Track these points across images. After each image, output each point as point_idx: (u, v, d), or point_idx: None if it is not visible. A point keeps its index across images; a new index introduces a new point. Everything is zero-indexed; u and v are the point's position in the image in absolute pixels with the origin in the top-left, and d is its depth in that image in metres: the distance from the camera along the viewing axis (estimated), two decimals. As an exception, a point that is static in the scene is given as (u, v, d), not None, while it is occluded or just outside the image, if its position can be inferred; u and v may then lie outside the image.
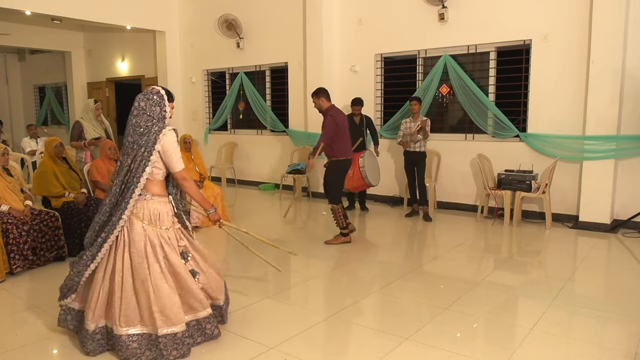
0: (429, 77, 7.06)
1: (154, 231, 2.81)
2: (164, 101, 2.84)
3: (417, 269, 4.58)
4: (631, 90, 5.69)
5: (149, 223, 2.81)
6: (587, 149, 5.88)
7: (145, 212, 2.81)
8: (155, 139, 2.74)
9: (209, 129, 10.10)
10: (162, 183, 2.91)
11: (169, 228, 2.88)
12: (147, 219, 2.81)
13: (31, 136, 9.04)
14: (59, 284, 3.10)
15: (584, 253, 5.14)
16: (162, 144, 2.75)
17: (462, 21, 6.74)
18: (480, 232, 5.96)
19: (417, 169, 6.52)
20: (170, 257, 2.84)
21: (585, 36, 5.82)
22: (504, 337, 3.17)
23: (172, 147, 2.78)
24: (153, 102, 2.79)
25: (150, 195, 2.83)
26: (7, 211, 4.38)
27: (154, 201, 2.85)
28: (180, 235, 2.98)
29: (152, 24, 9.86)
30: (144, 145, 2.74)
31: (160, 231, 2.84)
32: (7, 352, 2.97)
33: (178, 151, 2.83)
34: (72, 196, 4.91)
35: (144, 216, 2.81)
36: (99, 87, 12.07)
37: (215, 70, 10.06)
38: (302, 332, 3.25)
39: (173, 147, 2.79)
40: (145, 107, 2.77)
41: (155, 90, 2.85)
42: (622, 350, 2.97)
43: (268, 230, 6.17)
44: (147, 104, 2.78)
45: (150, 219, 2.82)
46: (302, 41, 8.31)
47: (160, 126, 2.78)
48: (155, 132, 2.75)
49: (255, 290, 4.06)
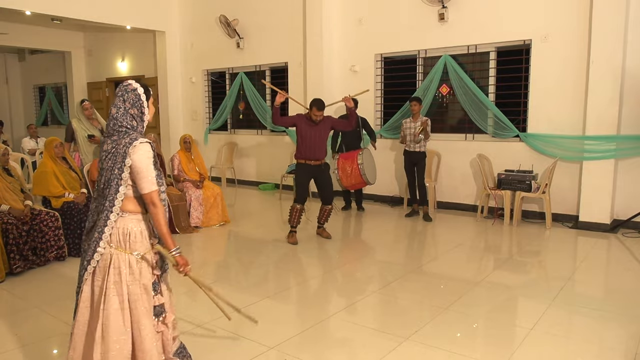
0: (429, 77, 7.06)
1: (122, 256, 2.27)
2: (141, 102, 2.33)
3: (417, 269, 4.58)
4: (631, 90, 5.69)
5: (116, 247, 2.27)
6: (587, 149, 5.88)
7: (114, 232, 2.28)
8: (124, 153, 2.22)
9: (209, 129, 10.10)
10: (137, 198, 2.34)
11: (141, 253, 2.30)
12: (115, 241, 2.28)
13: (31, 136, 9.05)
14: (59, 284, 3.10)
15: (584, 253, 5.14)
16: (133, 159, 2.22)
17: (462, 21, 6.74)
18: (480, 232, 5.96)
19: (417, 169, 6.52)
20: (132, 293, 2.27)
21: (585, 36, 5.82)
22: (504, 337, 3.17)
23: (143, 164, 2.23)
24: (128, 104, 2.29)
25: (121, 212, 2.29)
26: (7, 211, 4.38)
27: (125, 219, 2.30)
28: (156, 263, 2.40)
29: (152, 24, 9.86)
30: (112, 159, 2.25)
31: (130, 258, 2.28)
32: (7, 352, 2.97)
33: (150, 169, 2.25)
34: (72, 196, 4.91)
35: (112, 237, 2.28)
36: (99, 87, 12.07)
37: (215, 70, 10.06)
38: (302, 332, 3.25)
39: (145, 164, 2.23)
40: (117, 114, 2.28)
41: (131, 88, 2.32)
42: (622, 350, 2.97)
43: (268, 230, 6.18)
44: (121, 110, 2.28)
45: (119, 241, 2.28)
46: (302, 41, 8.31)
47: (132, 137, 2.25)
48: (125, 145, 2.23)
49: (255, 290, 4.06)
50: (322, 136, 5.33)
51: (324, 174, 5.42)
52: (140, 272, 2.30)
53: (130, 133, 2.27)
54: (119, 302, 2.25)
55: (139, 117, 2.33)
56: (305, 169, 5.36)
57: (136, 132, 2.30)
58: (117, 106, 2.30)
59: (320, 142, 5.31)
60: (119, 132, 2.27)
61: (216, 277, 4.36)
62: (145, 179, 2.25)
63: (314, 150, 5.29)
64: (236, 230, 6.19)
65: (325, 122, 5.31)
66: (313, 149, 5.28)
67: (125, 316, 2.27)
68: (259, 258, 4.96)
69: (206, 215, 6.11)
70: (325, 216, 5.59)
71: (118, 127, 2.27)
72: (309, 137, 5.27)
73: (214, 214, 6.21)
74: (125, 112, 2.29)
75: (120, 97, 2.31)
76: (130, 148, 2.23)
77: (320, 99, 5.35)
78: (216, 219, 6.23)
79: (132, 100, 2.30)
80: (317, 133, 5.27)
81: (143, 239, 2.33)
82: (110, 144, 2.27)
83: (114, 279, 2.26)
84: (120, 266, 2.26)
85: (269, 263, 4.83)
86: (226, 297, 2.85)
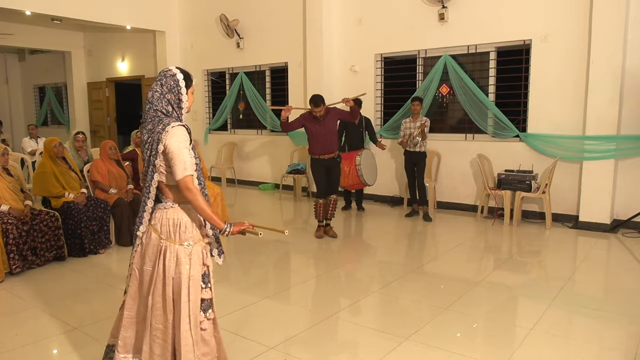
0: (429, 77, 7.06)
1: (171, 247, 2.25)
2: (179, 88, 2.25)
3: (417, 269, 4.58)
4: (631, 90, 5.69)
5: (166, 238, 2.25)
6: (587, 149, 5.88)
7: (164, 223, 2.26)
8: (158, 139, 2.17)
9: (209, 129, 10.10)
10: None
11: (192, 244, 2.27)
12: (165, 232, 2.25)
13: (31, 136, 9.05)
14: (59, 284, 3.10)
15: (584, 253, 5.14)
16: (165, 144, 2.15)
17: (462, 21, 6.74)
18: (480, 232, 5.96)
19: (417, 169, 6.52)
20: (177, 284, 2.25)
21: (585, 36, 5.82)
22: (504, 337, 3.17)
23: (175, 147, 2.14)
24: (165, 89, 2.23)
25: (170, 203, 2.27)
26: (7, 211, 4.38)
27: (175, 210, 2.26)
28: (207, 253, 2.37)
29: (152, 24, 9.86)
30: (149, 148, 2.21)
31: (179, 249, 2.25)
32: (7, 352, 2.97)
33: (184, 153, 2.15)
34: (72, 196, 4.91)
35: (162, 229, 2.26)
36: (99, 87, 12.07)
37: (215, 70, 10.06)
38: (302, 332, 3.25)
39: (177, 148, 2.14)
40: (153, 98, 2.23)
41: (171, 73, 2.25)
42: (622, 350, 2.97)
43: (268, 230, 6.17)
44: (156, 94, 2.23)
45: (169, 232, 2.25)
46: (302, 41, 8.30)
47: (166, 123, 2.18)
48: (158, 132, 2.17)
49: (255, 290, 4.06)
50: (330, 130, 5.43)
51: (336, 167, 5.55)
52: (190, 263, 2.25)
53: (164, 119, 2.21)
54: (165, 292, 2.24)
55: (176, 103, 2.26)
56: (320, 163, 5.50)
57: (171, 118, 2.23)
58: (153, 89, 2.25)
59: (329, 135, 5.43)
60: (153, 119, 2.21)
61: (216, 277, 4.34)
62: (178, 165, 2.14)
63: (325, 144, 5.42)
64: (236, 230, 6.18)
65: (330, 115, 5.42)
66: (323, 143, 5.41)
67: (169, 307, 2.24)
68: (259, 258, 4.96)
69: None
70: (331, 209, 5.60)
71: (153, 112, 2.22)
72: (317, 133, 5.40)
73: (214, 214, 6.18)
74: (161, 96, 2.23)
75: (158, 81, 2.26)
76: (164, 134, 2.16)
77: (317, 94, 5.41)
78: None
79: (170, 85, 2.24)
80: (324, 128, 5.38)
81: (193, 229, 2.29)
82: (146, 134, 2.23)
83: (163, 269, 2.24)
84: (169, 257, 2.23)
85: (269, 263, 4.83)
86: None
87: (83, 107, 12.45)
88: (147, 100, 2.26)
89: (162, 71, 2.29)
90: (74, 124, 12.53)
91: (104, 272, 4.49)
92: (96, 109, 12.28)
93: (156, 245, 2.26)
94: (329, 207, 5.58)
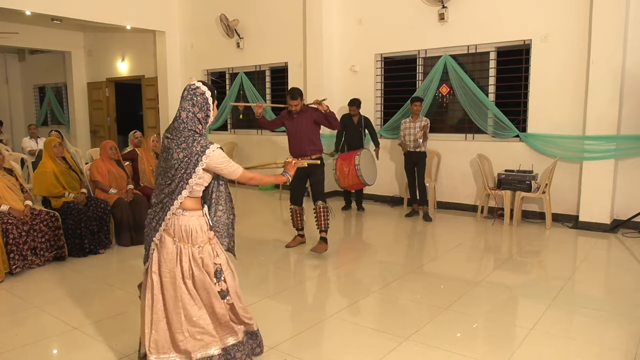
0: (429, 77, 7.06)
1: (185, 249, 2.52)
2: (208, 105, 2.48)
3: (417, 269, 4.58)
4: (631, 90, 5.69)
5: (179, 240, 2.52)
6: (587, 149, 5.88)
7: (177, 228, 2.52)
8: (197, 161, 2.39)
9: (209, 129, 10.09)
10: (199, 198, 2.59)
11: (202, 246, 2.55)
12: (179, 236, 2.52)
13: (31, 136, 9.05)
14: (59, 284, 3.10)
15: (584, 253, 5.14)
16: (208, 165, 2.43)
17: (462, 21, 6.74)
18: (480, 232, 5.96)
19: (417, 169, 6.52)
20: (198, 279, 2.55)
21: (585, 36, 5.82)
22: (504, 337, 3.17)
23: (221, 161, 2.45)
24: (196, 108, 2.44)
25: (181, 211, 2.52)
26: (7, 211, 4.38)
27: (186, 217, 2.52)
28: (217, 251, 2.63)
29: (152, 24, 9.85)
30: (184, 167, 2.40)
31: (193, 250, 2.53)
32: (7, 352, 2.97)
33: (229, 160, 2.50)
34: (72, 196, 4.91)
35: (175, 233, 2.52)
36: (99, 87, 12.07)
37: (215, 70, 10.06)
38: (302, 332, 3.25)
39: (223, 160, 2.46)
40: (187, 119, 2.42)
41: (200, 91, 2.46)
42: (622, 350, 2.97)
43: (268, 230, 6.18)
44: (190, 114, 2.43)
45: (182, 236, 2.52)
46: (302, 41, 8.31)
47: (203, 145, 2.39)
48: (197, 153, 2.39)
49: (255, 290, 4.06)
50: (304, 129, 4.93)
51: (316, 171, 4.97)
52: (203, 261, 2.55)
53: (198, 139, 2.41)
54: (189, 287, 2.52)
55: (205, 120, 2.49)
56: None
57: (202, 137, 2.44)
58: (186, 110, 2.43)
59: (304, 135, 4.94)
60: (187, 138, 2.40)
61: (216, 277, 4.35)
62: (230, 169, 2.51)
63: (300, 144, 4.97)
64: (236, 230, 6.17)
65: (306, 113, 4.95)
66: (298, 143, 4.97)
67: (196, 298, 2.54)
68: (259, 258, 4.96)
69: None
70: (320, 218, 5.00)
71: (187, 132, 2.41)
72: (292, 131, 4.99)
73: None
74: (193, 115, 2.44)
75: (189, 100, 2.44)
76: (203, 157, 2.40)
77: (296, 87, 5.03)
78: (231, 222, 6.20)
79: (201, 104, 2.45)
80: (298, 126, 4.94)
81: (202, 233, 2.56)
82: (180, 152, 2.40)
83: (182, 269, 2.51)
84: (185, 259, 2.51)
85: (269, 263, 4.83)
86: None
87: (83, 107, 12.45)
88: (178, 117, 2.44)
89: (191, 88, 2.47)
90: (74, 124, 12.53)
91: (104, 272, 4.49)
92: (96, 109, 12.28)
93: (171, 247, 2.52)
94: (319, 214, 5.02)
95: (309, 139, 4.95)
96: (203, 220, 2.58)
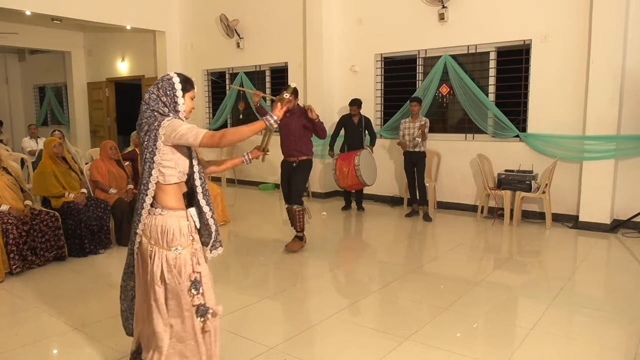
0: (429, 77, 7.06)
1: (159, 252, 2.26)
2: (175, 90, 2.27)
3: (417, 269, 4.58)
4: (631, 90, 5.69)
5: (155, 243, 2.27)
6: (587, 149, 5.88)
7: (153, 229, 2.27)
8: (155, 136, 2.20)
9: (209, 129, 10.08)
10: (178, 192, 2.32)
11: (180, 249, 2.27)
12: (154, 237, 2.27)
13: (31, 136, 9.05)
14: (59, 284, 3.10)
15: (584, 253, 5.14)
16: (166, 134, 2.19)
17: (462, 21, 6.74)
18: (480, 232, 5.96)
19: (417, 169, 6.52)
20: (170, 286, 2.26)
21: (585, 36, 5.82)
22: (504, 337, 3.17)
23: (178, 128, 2.18)
24: (161, 92, 2.26)
25: (160, 209, 2.29)
26: (7, 211, 4.38)
27: (165, 216, 2.28)
28: (199, 259, 2.34)
29: (152, 24, 9.86)
30: (147, 146, 2.23)
31: (168, 254, 2.25)
32: (7, 352, 2.97)
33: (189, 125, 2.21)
34: (72, 196, 4.91)
35: (151, 234, 2.28)
36: (99, 87, 12.07)
37: (215, 70, 10.06)
38: (302, 332, 3.25)
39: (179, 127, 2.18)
40: (149, 99, 2.25)
41: (167, 77, 2.30)
42: (622, 350, 2.97)
43: (268, 230, 6.18)
44: (153, 96, 2.26)
45: (158, 237, 2.27)
46: (302, 41, 8.30)
47: (160, 120, 2.22)
48: (155, 128, 2.20)
49: (255, 290, 4.06)
50: (294, 130, 4.90)
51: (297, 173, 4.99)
52: (179, 269, 2.26)
53: (159, 117, 2.24)
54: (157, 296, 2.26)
55: (172, 106, 2.28)
56: (283, 166, 5.15)
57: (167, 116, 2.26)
58: (150, 92, 2.28)
59: (291, 135, 4.92)
60: (149, 119, 2.23)
61: (216, 277, 4.34)
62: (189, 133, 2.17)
63: (287, 144, 4.99)
64: (236, 230, 6.20)
65: (297, 115, 4.89)
66: (285, 142, 5.00)
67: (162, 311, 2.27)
68: (259, 258, 4.95)
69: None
70: (295, 221, 5.02)
71: (150, 112, 2.24)
72: (283, 129, 4.95)
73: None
74: (157, 98, 2.26)
75: (155, 84, 2.29)
76: (160, 129, 2.19)
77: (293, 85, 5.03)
78: (216, 218, 6.21)
79: (165, 88, 2.27)
80: (288, 126, 4.90)
81: (181, 235, 2.28)
82: (143, 137, 2.25)
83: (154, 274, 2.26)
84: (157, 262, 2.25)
85: (269, 263, 4.83)
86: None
87: (83, 107, 12.45)
88: (143, 101, 2.28)
89: (162, 76, 2.34)
90: (74, 124, 12.54)
91: (104, 272, 4.49)
92: (96, 109, 12.28)
93: (146, 249, 2.29)
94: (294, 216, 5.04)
95: (298, 140, 4.96)
96: (184, 223, 2.31)
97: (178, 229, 2.28)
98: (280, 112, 2.37)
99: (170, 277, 2.25)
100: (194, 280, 2.28)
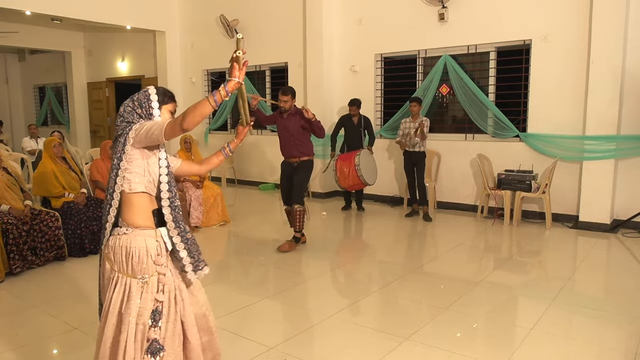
0: (429, 77, 7.06)
1: (122, 279, 2.00)
2: (150, 102, 2.11)
3: (417, 269, 4.58)
4: (631, 90, 5.69)
5: (119, 269, 2.01)
6: (587, 149, 5.88)
7: (117, 251, 2.01)
8: (125, 140, 2.03)
9: (209, 129, 10.10)
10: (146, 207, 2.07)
11: (147, 277, 2.01)
12: (118, 261, 2.01)
13: (31, 136, 9.06)
14: (59, 284, 3.10)
15: (584, 253, 5.14)
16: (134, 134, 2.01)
17: (462, 21, 6.74)
18: (480, 232, 5.96)
19: (417, 169, 6.52)
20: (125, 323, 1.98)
21: (585, 36, 5.82)
22: (504, 337, 3.17)
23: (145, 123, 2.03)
24: (136, 104, 2.10)
25: (125, 228, 2.03)
26: (7, 211, 4.38)
27: (129, 236, 2.01)
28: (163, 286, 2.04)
29: (152, 24, 9.86)
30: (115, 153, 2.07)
31: (132, 282, 1.99)
32: (7, 352, 2.97)
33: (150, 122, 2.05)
34: (72, 196, 4.91)
35: (115, 258, 2.02)
36: (99, 87, 12.07)
37: (216, 70, 10.06)
38: (302, 332, 3.25)
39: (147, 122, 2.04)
40: (124, 112, 2.09)
41: (144, 89, 2.16)
42: (622, 350, 2.97)
43: (268, 230, 6.18)
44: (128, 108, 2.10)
45: (122, 261, 2.00)
46: (302, 41, 8.31)
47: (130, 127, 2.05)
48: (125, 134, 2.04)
49: (255, 290, 4.06)
50: (290, 131, 4.95)
51: (298, 173, 5.02)
52: (140, 298, 1.99)
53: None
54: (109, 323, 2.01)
55: (147, 118, 2.10)
56: (283, 167, 5.18)
57: None
58: (125, 104, 2.13)
59: (290, 136, 4.96)
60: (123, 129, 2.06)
61: (216, 277, 4.36)
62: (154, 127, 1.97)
63: (287, 145, 5.02)
64: (236, 230, 6.20)
65: (295, 116, 4.94)
66: (284, 143, 5.03)
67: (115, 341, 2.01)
68: (259, 258, 4.95)
69: (206, 215, 6.11)
70: (296, 220, 5.07)
71: (125, 124, 2.07)
72: (280, 130, 5.01)
73: (214, 214, 6.21)
74: (132, 110, 2.09)
75: (131, 97, 2.15)
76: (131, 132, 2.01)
77: (289, 86, 5.00)
78: (216, 219, 6.23)
79: (140, 100, 2.11)
80: (286, 127, 4.96)
81: (149, 258, 2.01)
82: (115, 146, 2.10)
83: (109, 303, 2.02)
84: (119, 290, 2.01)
85: (269, 263, 4.83)
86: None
87: (83, 107, 12.45)
88: (118, 114, 2.13)
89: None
90: (74, 124, 12.54)
91: (104, 272, 4.49)
92: (96, 109, 12.28)
93: (108, 275, 2.05)
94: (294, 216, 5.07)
95: (297, 141, 4.98)
96: (153, 243, 2.03)
97: (145, 250, 2.01)
98: (241, 73, 2.13)
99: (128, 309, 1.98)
100: (154, 310, 2.01)
